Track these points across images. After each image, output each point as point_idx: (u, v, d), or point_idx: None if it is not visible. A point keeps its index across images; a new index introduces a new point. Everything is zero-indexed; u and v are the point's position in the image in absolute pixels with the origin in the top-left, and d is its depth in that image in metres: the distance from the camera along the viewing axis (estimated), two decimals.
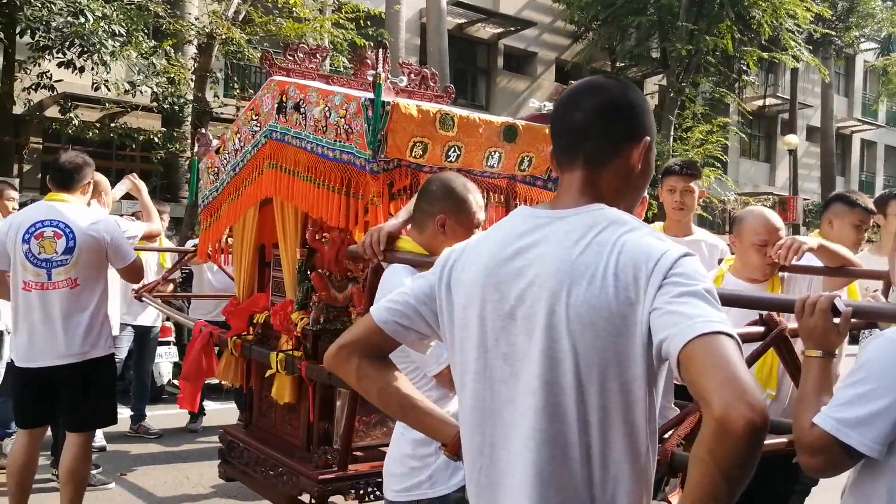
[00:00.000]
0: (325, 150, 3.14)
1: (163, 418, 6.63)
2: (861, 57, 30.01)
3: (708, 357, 1.15)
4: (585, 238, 1.33)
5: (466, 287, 1.44)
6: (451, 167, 3.12)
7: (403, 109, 2.90)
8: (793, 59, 19.80)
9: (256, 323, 3.90)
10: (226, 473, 4.13)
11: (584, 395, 1.29)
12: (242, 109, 12.56)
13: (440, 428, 1.57)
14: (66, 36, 9.83)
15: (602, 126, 1.42)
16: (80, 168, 3.99)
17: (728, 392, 1.10)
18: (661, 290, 1.25)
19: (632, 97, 1.45)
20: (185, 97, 11.75)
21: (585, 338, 1.28)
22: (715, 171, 17.87)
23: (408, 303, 1.53)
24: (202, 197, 4.27)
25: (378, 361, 1.57)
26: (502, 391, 1.39)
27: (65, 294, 3.81)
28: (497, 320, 1.39)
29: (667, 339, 1.21)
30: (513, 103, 21.31)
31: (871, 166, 32.43)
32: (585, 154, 1.42)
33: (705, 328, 1.17)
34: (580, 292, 1.28)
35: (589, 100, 1.43)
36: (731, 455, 1.10)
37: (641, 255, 1.28)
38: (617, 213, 1.38)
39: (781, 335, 1.94)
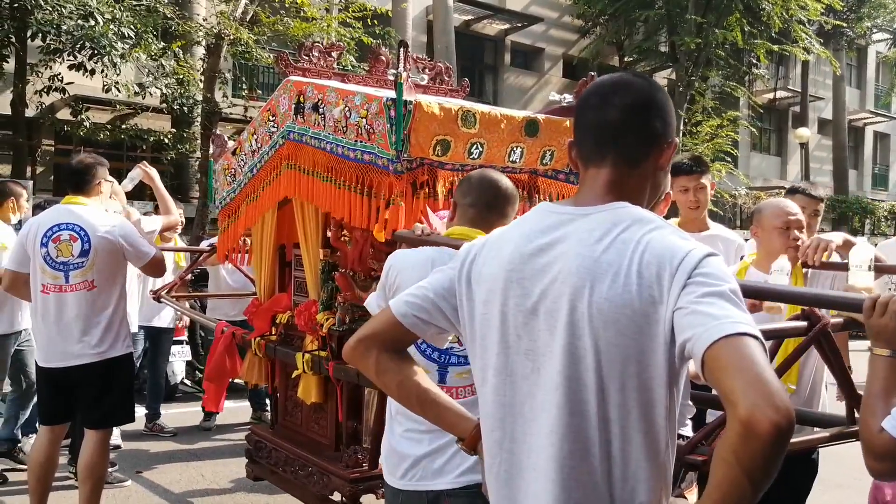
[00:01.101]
0: (346, 150, 3.12)
1: (177, 416, 6.68)
2: (873, 48, 29.81)
3: (733, 358, 1.14)
4: (609, 236, 1.32)
5: (488, 282, 1.44)
6: (473, 164, 3.11)
7: (426, 108, 2.88)
8: (803, 52, 19.68)
9: (279, 323, 3.90)
10: (253, 473, 4.15)
11: (605, 392, 1.29)
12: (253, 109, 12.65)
13: (458, 422, 1.57)
14: (76, 39, 9.87)
15: (636, 126, 1.41)
16: (91, 168, 4.02)
17: (754, 394, 1.10)
18: (685, 290, 1.24)
19: (662, 97, 1.45)
20: (194, 98, 11.78)
21: (607, 335, 1.28)
22: (725, 165, 17.80)
23: (427, 297, 1.52)
24: (219, 198, 4.26)
25: (397, 355, 1.57)
26: (523, 387, 1.39)
27: (82, 296, 3.86)
28: (519, 316, 1.39)
29: (691, 340, 1.20)
30: (520, 100, 21.26)
31: (885, 158, 32.23)
32: (616, 153, 1.41)
33: (731, 329, 1.17)
34: (603, 290, 1.28)
35: (621, 98, 1.42)
36: (756, 457, 1.09)
37: (666, 254, 1.28)
38: (641, 211, 1.37)
39: (824, 330, 1.89)
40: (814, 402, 3.01)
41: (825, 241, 2.88)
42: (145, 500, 4.75)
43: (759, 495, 1.12)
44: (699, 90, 18.71)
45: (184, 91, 11.59)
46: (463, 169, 3.10)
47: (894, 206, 27.79)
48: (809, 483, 3.02)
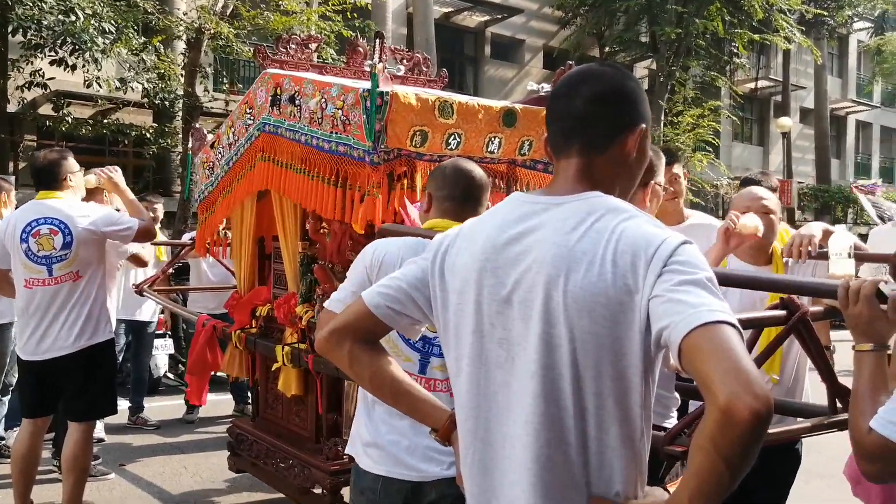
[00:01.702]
0: (321, 141, 3.13)
1: (160, 410, 6.66)
2: (855, 37, 29.95)
3: (711, 346, 1.14)
4: (583, 225, 1.33)
5: (461, 272, 1.44)
6: (451, 154, 3.12)
7: (402, 98, 2.89)
8: (785, 41, 19.75)
9: (259, 316, 3.91)
10: (235, 465, 4.17)
11: (581, 381, 1.30)
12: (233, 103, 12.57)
13: (431, 413, 1.58)
14: (57, 34, 9.81)
15: (598, 114, 1.41)
16: (56, 163, 3.99)
17: (733, 381, 1.10)
18: (660, 278, 1.24)
19: (627, 84, 1.45)
20: (175, 92, 11.73)
21: (582, 324, 1.28)
22: (707, 155, 17.87)
23: (400, 287, 1.52)
24: (198, 192, 4.26)
25: (370, 346, 1.56)
26: (498, 376, 1.39)
27: (68, 287, 3.89)
28: (493, 305, 1.39)
29: (668, 328, 1.20)
30: (501, 91, 21.23)
31: (867, 148, 32.42)
32: (581, 141, 1.42)
33: (708, 317, 1.16)
34: (577, 278, 1.28)
35: (586, 87, 1.43)
36: (734, 444, 1.10)
37: (640, 242, 1.27)
38: (615, 200, 1.38)
39: (803, 319, 1.83)
40: (797, 391, 3.02)
41: (807, 236, 2.88)
42: (129, 493, 4.74)
43: (737, 482, 1.13)
44: (680, 80, 18.76)
45: (165, 86, 11.52)
46: (441, 160, 3.11)
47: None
48: (793, 474, 3.03)
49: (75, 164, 4.07)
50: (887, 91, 30.41)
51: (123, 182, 4.29)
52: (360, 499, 2.27)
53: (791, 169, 21.25)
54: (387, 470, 2.20)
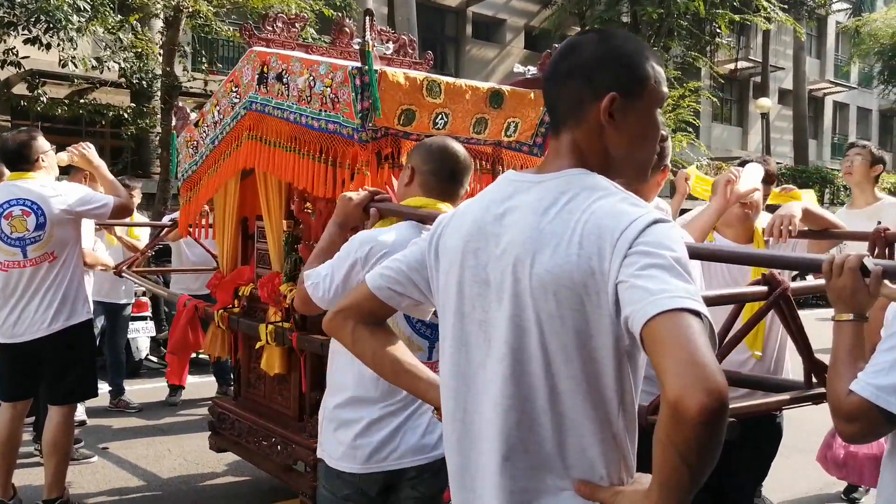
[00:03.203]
0: (310, 119, 3.10)
1: (142, 392, 6.63)
2: (833, 18, 30.13)
3: (668, 336, 1.09)
4: (556, 204, 1.31)
5: (449, 253, 1.46)
6: (438, 134, 3.10)
7: (391, 77, 2.87)
8: (765, 21, 19.81)
9: (242, 295, 3.88)
10: (216, 444, 4.16)
11: (551, 364, 1.28)
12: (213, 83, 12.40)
13: (430, 391, 1.59)
14: (31, 12, 9.59)
15: (577, 85, 1.37)
16: (27, 144, 3.91)
17: (685, 375, 1.05)
18: (625, 261, 1.20)
19: (607, 49, 1.38)
20: (153, 72, 11.55)
21: (548, 307, 1.26)
22: (687, 136, 17.94)
23: (401, 269, 1.56)
24: (181, 171, 4.21)
25: (373, 326, 1.60)
26: (476, 357, 1.39)
27: (44, 268, 3.84)
28: (474, 286, 1.39)
29: (630, 316, 1.16)
30: (482, 71, 21.18)
31: (844, 128, 32.72)
32: (562, 118, 1.40)
33: (668, 304, 1.11)
34: (543, 260, 1.27)
35: (567, 63, 1.40)
36: (688, 441, 1.05)
37: (608, 223, 1.24)
38: (594, 178, 1.33)
39: (784, 294, 1.90)
40: (779, 369, 3.07)
41: (788, 216, 2.92)
42: (112, 476, 4.71)
43: (701, 479, 1.10)
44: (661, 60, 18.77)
45: (143, 65, 11.34)
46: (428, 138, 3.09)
47: None
48: (775, 447, 3.08)
49: (46, 144, 3.99)
50: (864, 72, 30.64)
51: (97, 158, 4.22)
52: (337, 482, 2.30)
53: (769, 149, 21.39)
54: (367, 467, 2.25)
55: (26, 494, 4.14)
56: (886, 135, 34.75)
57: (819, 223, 3.17)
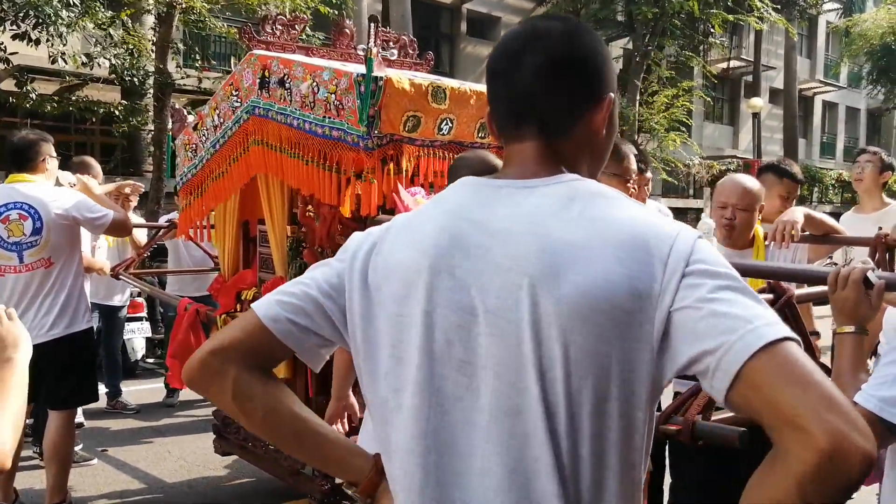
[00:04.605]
0: (314, 126, 3.10)
1: (139, 394, 6.62)
2: (824, 18, 30.27)
3: (786, 372, 0.91)
4: (568, 211, 1.05)
5: (402, 274, 1.11)
6: (443, 139, 3.11)
7: (396, 84, 2.87)
8: (758, 21, 19.88)
9: (245, 300, 3.87)
10: (222, 448, 4.16)
11: (576, 419, 1.00)
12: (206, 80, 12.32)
13: (349, 461, 1.23)
14: (19, 7, 9.51)
15: (553, 90, 1.13)
16: (34, 144, 3.91)
17: (832, 417, 0.87)
18: (684, 283, 0.98)
19: (584, 46, 1.15)
20: (145, 69, 11.48)
21: (582, 339, 0.99)
22: (681, 135, 17.99)
23: (307, 295, 1.17)
24: (180, 175, 4.20)
25: (262, 374, 1.18)
26: (456, 411, 1.07)
27: (40, 274, 3.81)
28: (451, 316, 1.06)
29: (716, 352, 0.94)
30: (477, 69, 21.15)
31: (833, 128, 32.89)
32: (537, 124, 1.14)
33: (771, 334, 0.93)
34: (574, 279, 0.99)
35: (534, 56, 1.12)
36: (835, 493, 0.88)
37: (649, 235, 1.02)
38: (597, 185, 1.11)
39: (789, 302, 1.95)
40: None
41: (790, 222, 2.96)
42: (113, 479, 4.71)
43: None
44: (655, 60, 18.82)
45: (134, 62, 11.26)
46: (432, 145, 3.10)
47: (842, 175, 28.47)
48: None
49: (53, 150, 3.99)
50: (854, 72, 30.78)
51: (99, 189, 4.21)
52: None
53: (760, 149, 21.49)
54: None
55: (28, 498, 4.14)
56: (874, 134, 34.95)
57: (820, 228, 3.20)
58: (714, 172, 23.06)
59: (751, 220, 3.17)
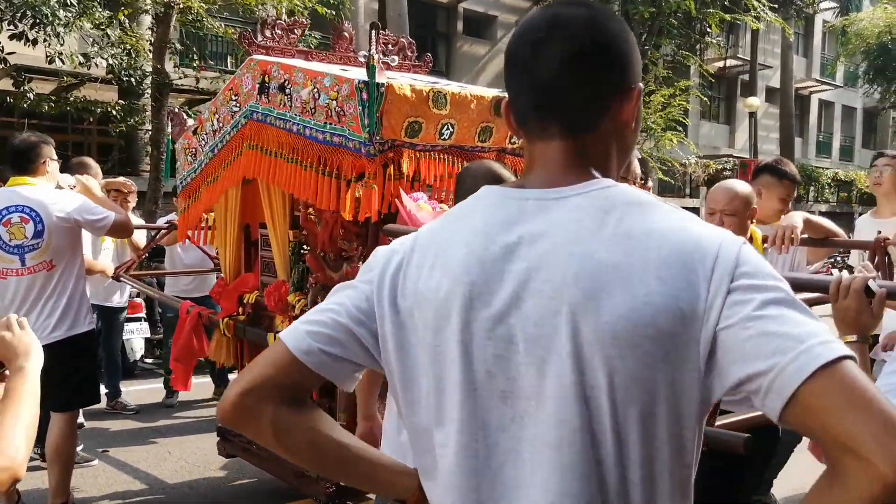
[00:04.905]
0: (314, 132, 3.12)
1: (138, 394, 6.64)
2: (820, 17, 30.34)
3: (845, 395, 0.87)
4: (605, 227, 1.00)
5: (434, 301, 1.06)
6: (444, 144, 3.13)
7: (398, 90, 2.90)
8: (755, 21, 19.92)
9: (247, 303, 3.90)
10: (225, 450, 4.19)
11: (623, 445, 0.98)
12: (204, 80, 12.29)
13: (397, 482, 1.21)
14: (16, 7, 9.51)
15: (581, 81, 1.07)
16: (35, 146, 3.91)
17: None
18: (730, 298, 0.94)
19: (611, 33, 1.09)
20: (142, 69, 11.47)
21: (626, 366, 0.96)
22: (677, 134, 18.02)
23: (338, 323, 1.12)
24: (180, 178, 4.22)
25: (298, 406, 1.14)
26: (502, 442, 1.04)
27: (42, 277, 3.82)
28: (488, 346, 1.03)
29: (768, 373, 0.90)
30: (473, 68, 21.20)
31: (829, 126, 32.98)
32: (563, 120, 1.08)
33: (828, 354, 0.88)
34: (615, 303, 0.96)
35: (558, 45, 1.06)
36: None
37: (690, 248, 0.97)
38: (630, 190, 1.06)
39: None
40: None
41: (790, 227, 2.98)
42: (115, 479, 4.72)
43: None
44: (652, 59, 18.85)
45: (132, 62, 11.26)
46: (433, 149, 3.13)
47: (838, 174, 28.55)
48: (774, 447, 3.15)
49: (53, 153, 3.99)
50: (850, 71, 30.88)
51: (100, 191, 4.20)
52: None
53: (757, 148, 21.55)
54: None
55: (31, 499, 4.15)
56: (870, 133, 35.07)
57: (819, 231, 3.24)
58: (710, 172, 23.12)
59: (740, 224, 3.19)
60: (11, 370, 1.64)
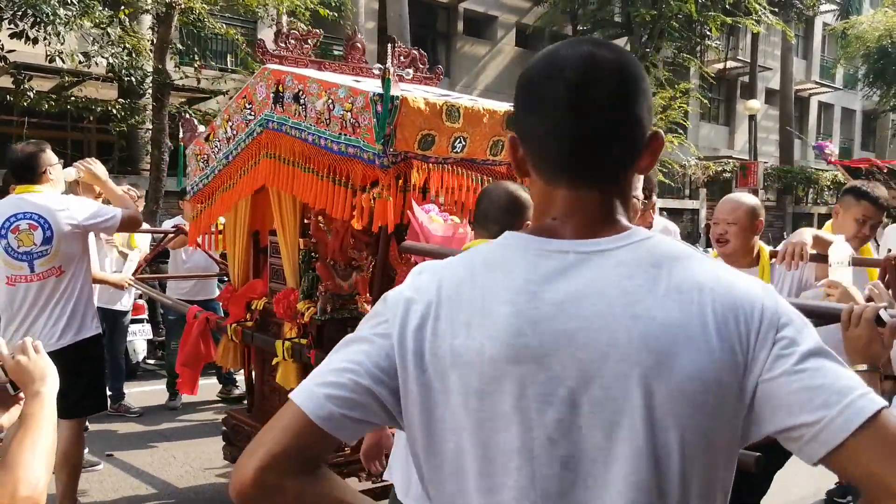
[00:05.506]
0: (329, 142, 3.13)
1: (141, 396, 6.65)
2: (820, 19, 30.39)
3: (888, 447, 0.93)
4: (658, 283, 1.00)
5: (477, 364, 1.01)
6: (456, 157, 3.15)
7: (412, 103, 2.91)
8: (755, 24, 19.95)
9: (255, 309, 3.91)
10: (231, 455, 4.21)
11: (689, 499, 1.00)
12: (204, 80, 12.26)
13: None
14: (17, 6, 9.48)
15: (625, 132, 1.05)
16: (34, 156, 3.87)
17: None
18: (774, 351, 0.98)
19: (643, 80, 1.08)
20: (143, 69, 11.44)
21: (694, 423, 0.97)
22: (678, 136, 18.06)
23: (359, 385, 1.04)
24: (191, 184, 4.23)
25: (319, 473, 1.06)
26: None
27: (51, 283, 3.82)
28: (549, 411, 0.99)
29: (817, 425, 0.94)
30: (473, 68, 21.23)
31: (828, 128, 33.05)
32: (599, 171, 1.07)
33: (869, 407, 0.94)
34: (684, 364, 0.96)
35: (599, 92, 1.03)
36: None
37: (739, 303, 1.00)
38: (667, 241, 1.07)
39: None
40: None
41: (800, 244, 2.98)
42: (122, 484, 4.74)
43: None
44: (653, 62, 18.88)
45: (133, 61, 11.24)
46: (445, 162, 3.14)
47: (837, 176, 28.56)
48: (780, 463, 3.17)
49: (54, 157, 3.96)
50: (849, 73, 30.94)
51: (104, 172, 4.18)
52: None
53: (756, 151, 21.57)
54: None
55: None
56: (869, 135, 35.16)
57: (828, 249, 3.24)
58: (710, 173, 23.16)
59: (741, 234, 3.19)
60: (28, 395, 1.65)
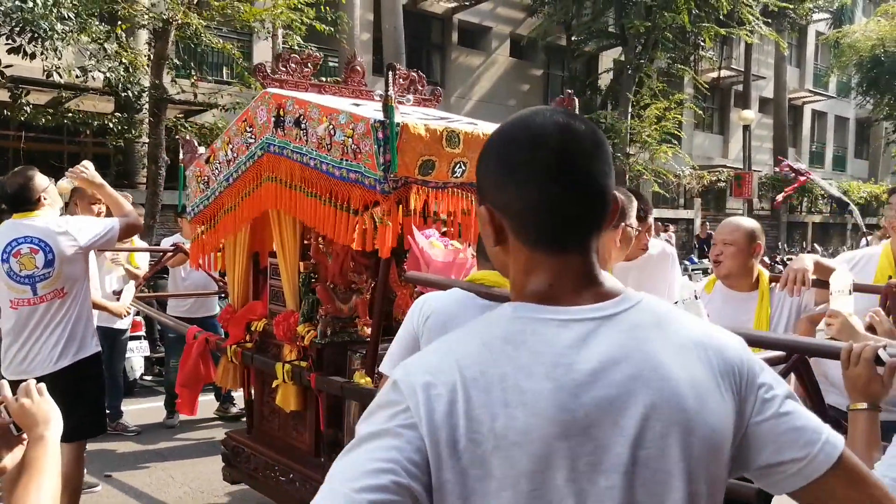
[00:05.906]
0: (331, 167, 3.15)
1: (138, 413, 6.62)
2: (813, 27, 30.54)
3: (854, 477, 1.10)
4: (668, 344, 1.08)
5: (527, 442, 1.00)
6: (456, 182, 3.17)
7: (412, 129, 2.93)
8: (748, 34, 20.03)
9: (255, 330, 3.92)
10: (231, 476, 4.20)
11: None
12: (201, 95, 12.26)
13: None
14: (15, 21, 9.49)
15: (609, 198, 1.12)
16: (26, 187, 3.84)
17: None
18: (759, 394, 1.09)
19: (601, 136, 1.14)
20: (140, 84, 11.46)
21: (715, 470, 1.07)
22: (672, 147, 18.12)
23: (400, 486, 0.98)
24: (191, 205, 4.24)
25: None
26: None
27: (55, 305, 3.83)
28: (600, 480, 1.01)
29: (798, 462, 1.07)
30: (468, 79, 21.28)
31: (822, 137, 33.19)
32: (585, 237, 1.11)
33: (839, 443, 1.09)
34: (708, 417, 1.05)
35: (583, 161, 1.09)
36: None
37: (730, 356, 1.10)
38: (657, 302, 1.14)
39: (802, 358, 2.05)
40: None
41: (801, 270, 2.97)
42: None
43: None
44: (647, 72, 18.95)
45: (130, 76, 11.25)
46: (445, 187, 3.16)
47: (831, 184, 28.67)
48: None
49: (45, 180, 3.93)
50: (843, 81, 31.09)
51: (98, 177, 4.12)
52: None
53: (751, 160, 21.63)
54: None
55: None
56: (862, 143, 35.31)
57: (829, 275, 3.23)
58: (704, 183, 23.22)
59: (738, 255, 3.19)
60: (32, 438, 1.65)
